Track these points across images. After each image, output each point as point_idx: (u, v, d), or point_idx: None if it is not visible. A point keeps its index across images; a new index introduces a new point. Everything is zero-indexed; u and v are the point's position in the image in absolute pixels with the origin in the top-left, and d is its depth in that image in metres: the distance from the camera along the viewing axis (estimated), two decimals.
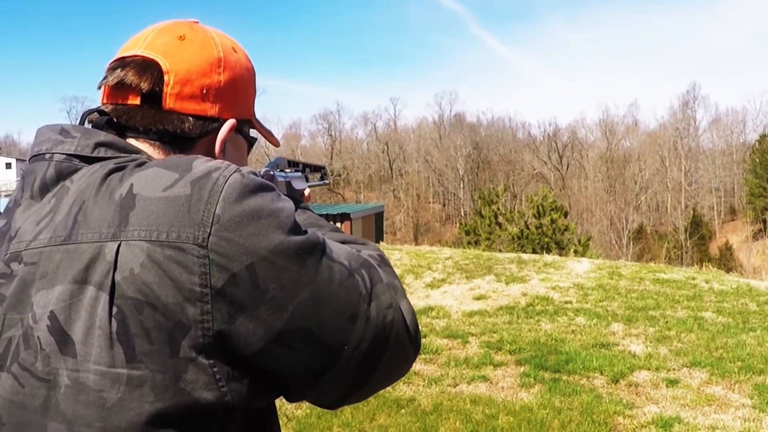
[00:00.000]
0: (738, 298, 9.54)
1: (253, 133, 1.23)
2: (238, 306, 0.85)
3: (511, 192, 59.44)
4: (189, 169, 0.90)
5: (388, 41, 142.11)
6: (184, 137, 1.06)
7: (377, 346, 0.96)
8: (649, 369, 6.38)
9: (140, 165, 0.93)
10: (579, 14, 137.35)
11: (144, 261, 0.84)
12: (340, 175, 75.70)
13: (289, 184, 1.55)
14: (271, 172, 1.48)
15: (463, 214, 68.44)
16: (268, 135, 1.26)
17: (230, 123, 1.10)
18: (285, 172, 1.59)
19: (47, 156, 0.98)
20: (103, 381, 0.83)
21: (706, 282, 10.77)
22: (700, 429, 5.01)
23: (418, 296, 9.99)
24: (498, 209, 38.66)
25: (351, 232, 22.39)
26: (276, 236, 0.87)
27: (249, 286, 0.85)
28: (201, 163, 0.91)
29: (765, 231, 60.31)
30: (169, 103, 1.03)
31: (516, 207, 44.30)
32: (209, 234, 0.84)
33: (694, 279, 11.06)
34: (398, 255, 13.48)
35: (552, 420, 5.20)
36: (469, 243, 34.07)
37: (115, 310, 0.83)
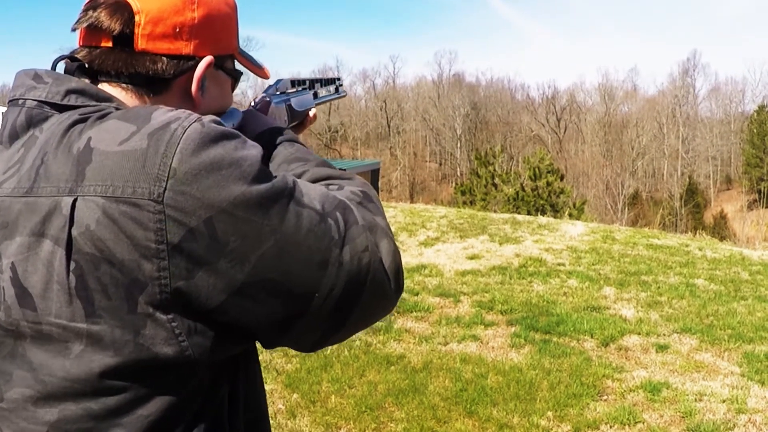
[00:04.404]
0: (730, 266, 9.57)
1: (239, 66, 1.20)
2: (197, 261, 0.83)
3: (508, 153, 59.23)
4: (147, 120, 0.86)
5: None
6: (157, 78, 1.02)
7: (352, 291, 0.93)
8: (639, 334, 6.40)
9: (102, 117, 0.90)
10: None
11: (100, 217, 0.82)
12: (337, 132, 75.40)
13: (289, 108, 1.46)
14: (268, 98, 1.39)
15: (459, 174, 68.34)
16: (254, 68, 1.21)
17: (206, 60, 1.05)
18: (287, 93, 1.49)
19: (20, 102, 0.96)
20: (66, 334, 0.84)
21: (700, 249, 10.80)
22: (688, 395, 5.03)
23: (411, 254, 9.99)
24: (494, 170, 38.65)
25: None
26: (237, 187, 0.83)
27: (207, 240, 0.82)
28: (160, 114, 0.88)
29: (760, 201, 60.43)
30: (140, 44, 0.99)
31: (512, 168, 44.22)
32: (165, 189, 0.81)
33: (687, 246, 11.08)
34: (393, 212, 13.47)
35: (541, 381, 5.22)
36: (464, 203, 34.09)
37: (73, 265, 0.82)
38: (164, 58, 1.01)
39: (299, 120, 1.52)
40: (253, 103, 1.39)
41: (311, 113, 1.54)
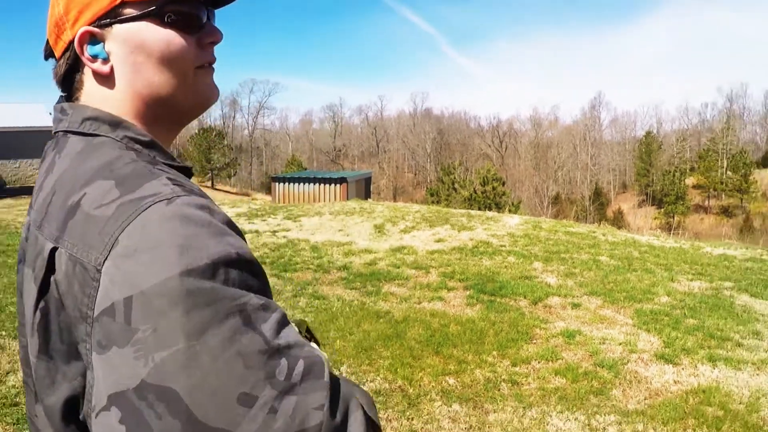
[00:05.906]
0: (625, 247, 9.61)
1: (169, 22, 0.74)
2: (110, 338, 0.58)
3: (464, 166, 59.16)
4: (133, 190, 0.64)
5: (380, 54, 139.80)
6: (65, 77, 0.78)
7: None
8: (559, 295, 6.42)
9: (110, 172, 0.68)
10: (522, 34, 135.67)
11: (66, 270, 0.64)
12: (340, 150, 75.24)
13: None
14: None
15: (429, 181, 68.11)
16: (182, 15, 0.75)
17: (79, 33, 0.73)
18: None
19: (53, 134, 0.79)
20: (38, 362, 0.70)
21: (603, 235, 10.83)
22: (594, 339, 5.06)
23: (394, 238, 9.97)
24: (454, 178, 38.71)
25: (347, 193, 21.61)
26: (166, 272, 0.56)
27: (122, 319, 0.57)
28: (150, 186, 0.64)
29: (647, 201, 60.80)
30: (57, 56, 0.78)
31: (468, 177, 44.10)
32: (106, 258, 0.60)
33: (594, 233, 11.11)
34: (381, 208, 13.44)
35: (488, 329, 5.23)
36: (432, 202, 34.17)
37: (42, 304, 0.67)
38: (63, 56, 0.76)
39: None
40: None
41: None
